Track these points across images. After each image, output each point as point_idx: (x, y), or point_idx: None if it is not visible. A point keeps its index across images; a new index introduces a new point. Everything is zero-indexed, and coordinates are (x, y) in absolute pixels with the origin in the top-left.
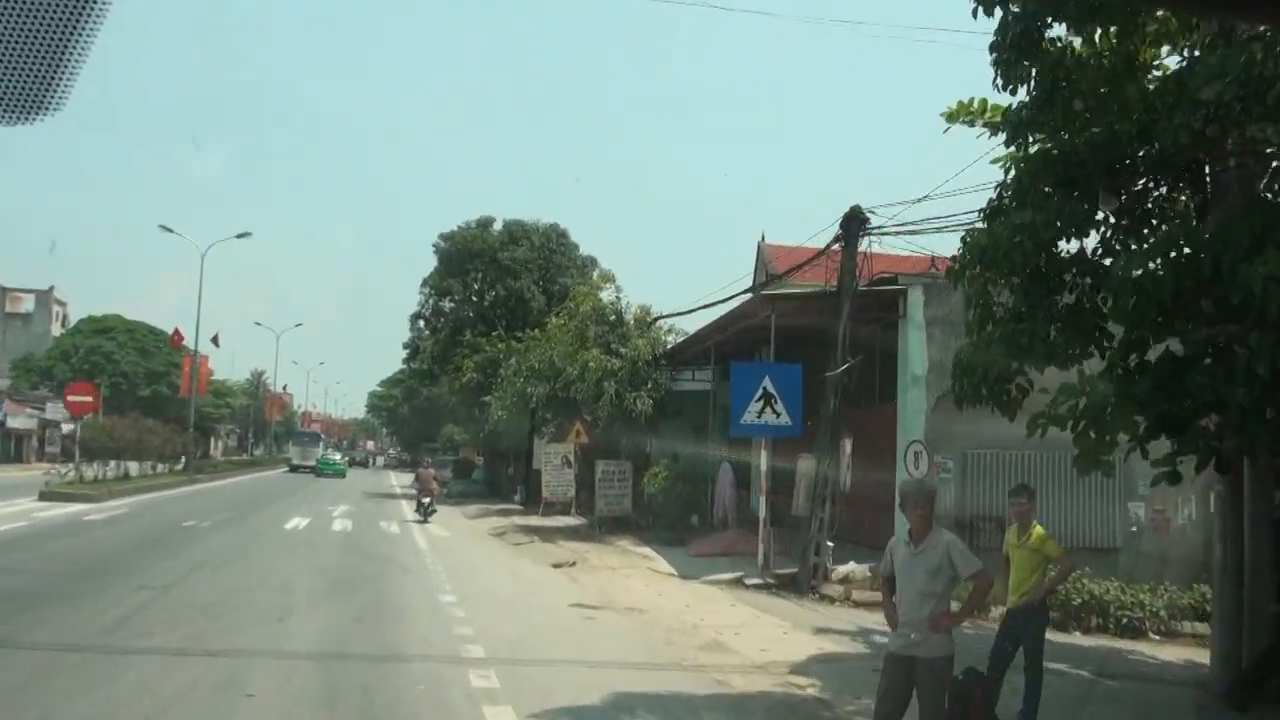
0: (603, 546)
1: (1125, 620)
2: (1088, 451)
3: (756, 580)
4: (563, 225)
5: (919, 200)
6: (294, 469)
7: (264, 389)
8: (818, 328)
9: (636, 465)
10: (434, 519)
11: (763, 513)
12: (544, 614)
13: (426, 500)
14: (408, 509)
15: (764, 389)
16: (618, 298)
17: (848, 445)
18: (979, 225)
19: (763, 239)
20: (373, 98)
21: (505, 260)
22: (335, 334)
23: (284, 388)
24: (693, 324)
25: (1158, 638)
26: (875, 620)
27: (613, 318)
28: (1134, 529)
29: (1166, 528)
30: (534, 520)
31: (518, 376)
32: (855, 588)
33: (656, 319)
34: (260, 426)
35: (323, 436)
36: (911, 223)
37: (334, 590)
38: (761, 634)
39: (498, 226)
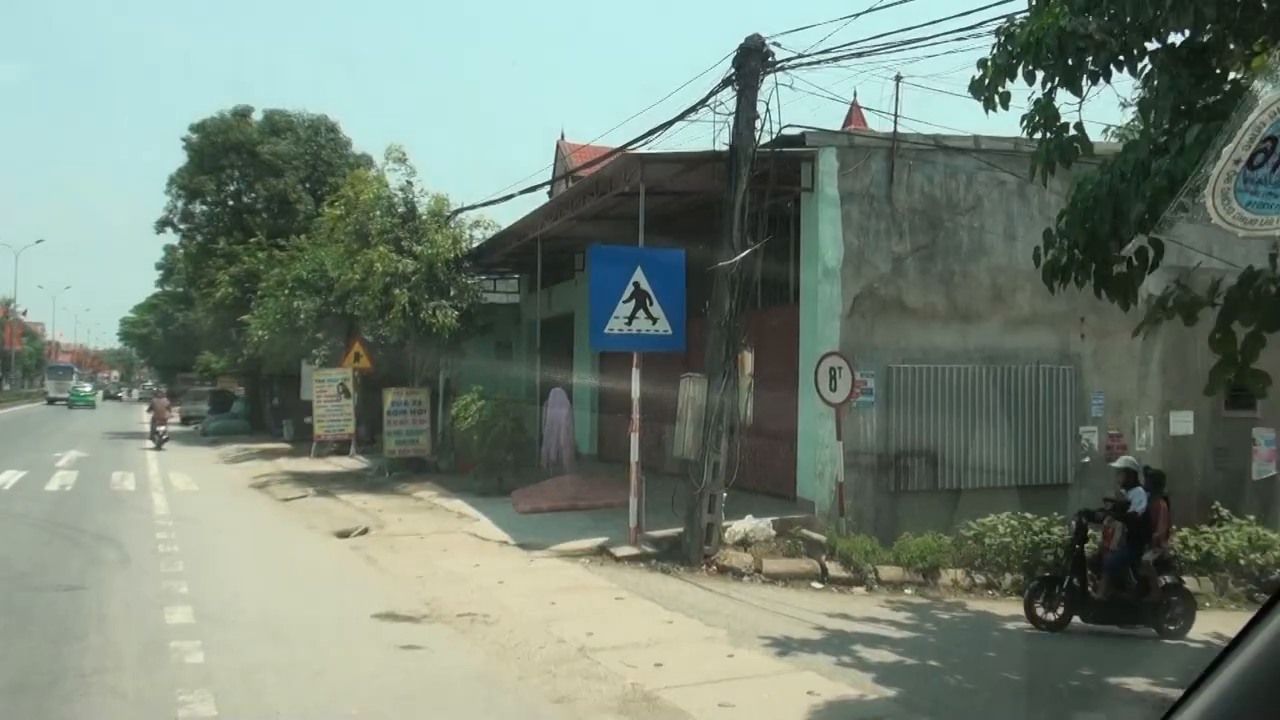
0: (400, 500)
1: None
2: (1229, 360)
3: (628, 548)
4: (333, 118)
5: (854, 16)
6: (51, 401)
7: (11, 316)
8: (697, 206)
9: (436, 394)
10: (182, 466)
11: (634, 456)
12: (340, 650)
13: (161, 429)
14: (152, 457)
15: (635, 285)
16: (409, 183)
17: (749, 361)
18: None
19: (562, 136)
20: None
21: (266, 155)
22: (84, 254)
23: (23, 312)
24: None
25: None
26: (827, 605)
27: (403, 209)
28: (1086, 459)
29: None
30: (305, 464)
31: (281, 289)
32: (763, 553)
33: (458, 211)
34: (6, 358)
35: (75, 369)
36: (840, 48)
37: None
38: (696, 661)
39: (257, 117)
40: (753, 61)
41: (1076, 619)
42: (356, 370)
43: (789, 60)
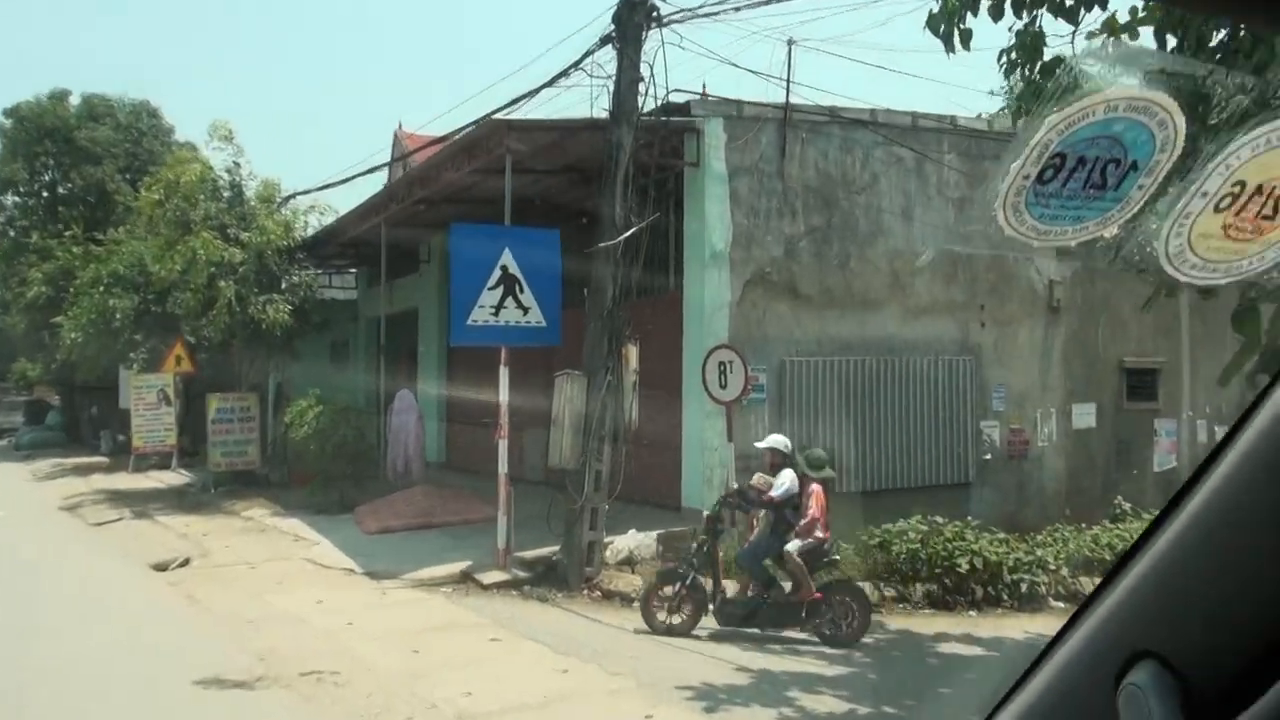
0: (227, 521)
1: (1025, 587)
2: (1253, 343)
3: (497, 574)
4: (155, 103)
5: None
6: None
7: None
8: (572, 187)
9: (266, 400)
10: None
11: (503, 466)
12: None
13: None
14: None
15: (503, 269)
16: (236, 164)
17: (633, 356)
18: None
19: (400, 126)
20: None
21: (83, 141)
22: None
23: None
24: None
25: (1062, 605)
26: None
27: (229, 193)
28: (987, 456)
29: (1024, 451)
30: (123, 480)
31: (96, 286)
32: (651, 573)
33: (291, 195)
34: None
35: None
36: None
37: None
38: None
39: (75, 100)
40: (636, 16)
41: (715, 623)
42: (178, 375)
43: (675, 15)
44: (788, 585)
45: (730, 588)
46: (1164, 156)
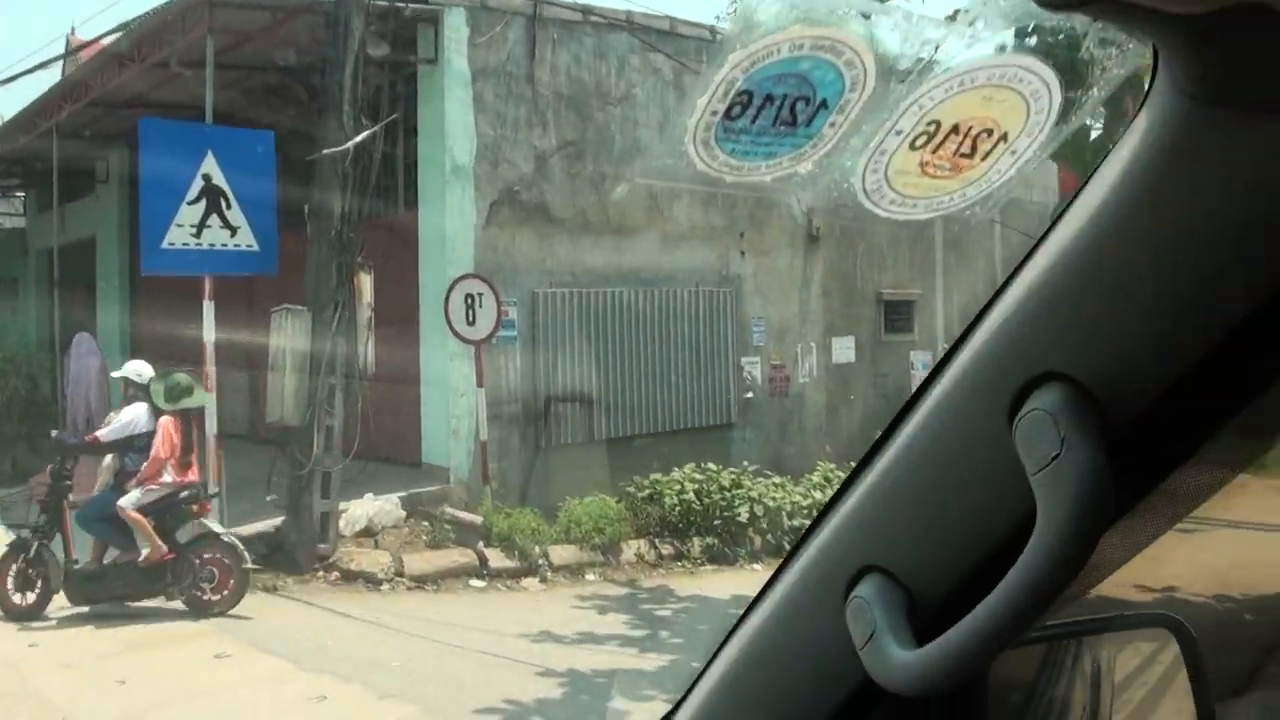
0: None
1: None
2: None
3: None
4: None
5: None
6: None
7: None
8: (285, 87)
9: None
10: None
11: (211, 425)
12: None
13: None
14: None
15: (206, 179)
16: None
17: (368, 287)
18: None
19: (73, 33)
20: None
21: None
22: None
23: None
24: None
25: None
26: (516, 616)
27: None
28: (749, 394)
29: (785, 388)
30: None
31: None
32: (399, 544)
33: None
34: None
35: None
36: None
37: None
38: None
39: None
40: None
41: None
42: None
43: None
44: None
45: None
46: (854, 95)
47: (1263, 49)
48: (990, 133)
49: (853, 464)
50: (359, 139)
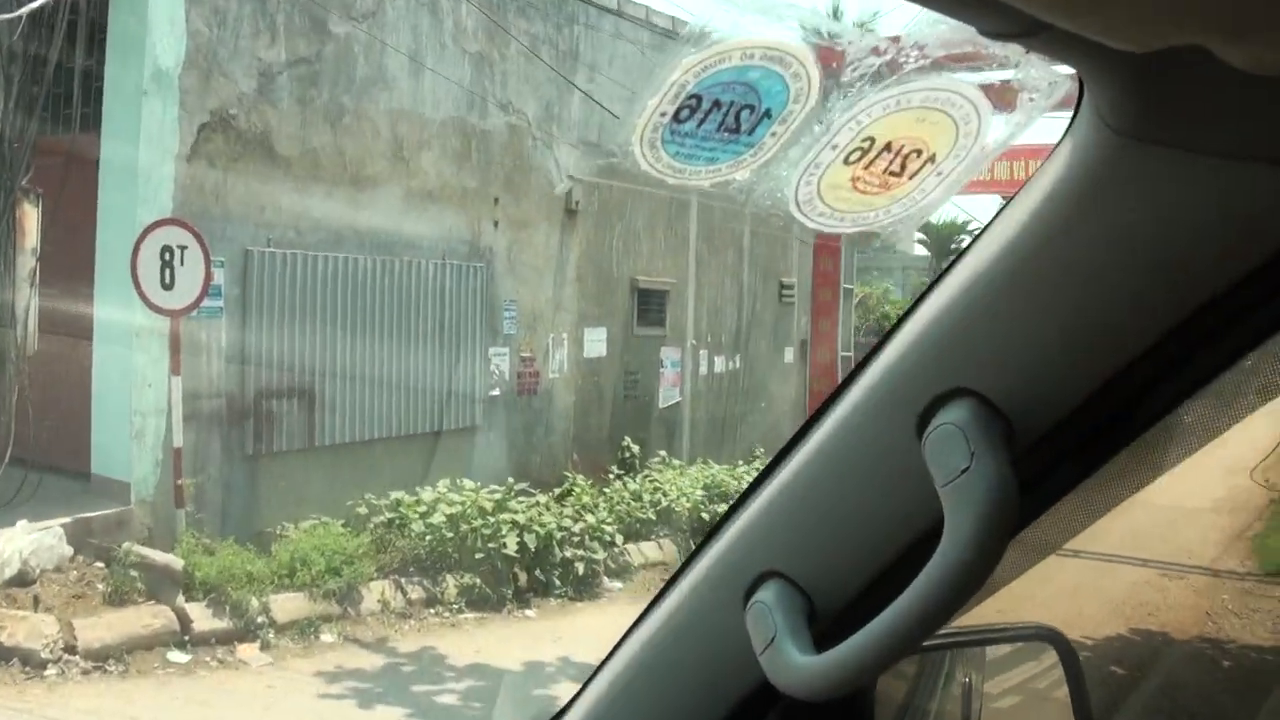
0: None
1: (582, 567)
2: None
3: None
4: None
5: None
6: None
7: None
8: None
9: None
10: None
11: None
12: None
13: None
14: None
15: None
16: None
17: (32, 226)
18: None
19: None
20: None
21: None
22: None
23: None
24: None
25: (619, 585)
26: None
27: None
28: (495, 392)
29: (534, 386)
30: None
31: None
32: (66, 601)
33: None
34: None
35: None
36: None
37: None
38: None
39: None
40: None
41: None
42: None
43: None
44: None
45: None
46: (797, 107)
47: (1188, 89)
48: (919, 153)
49: (609, 473)
50: (29, 8)
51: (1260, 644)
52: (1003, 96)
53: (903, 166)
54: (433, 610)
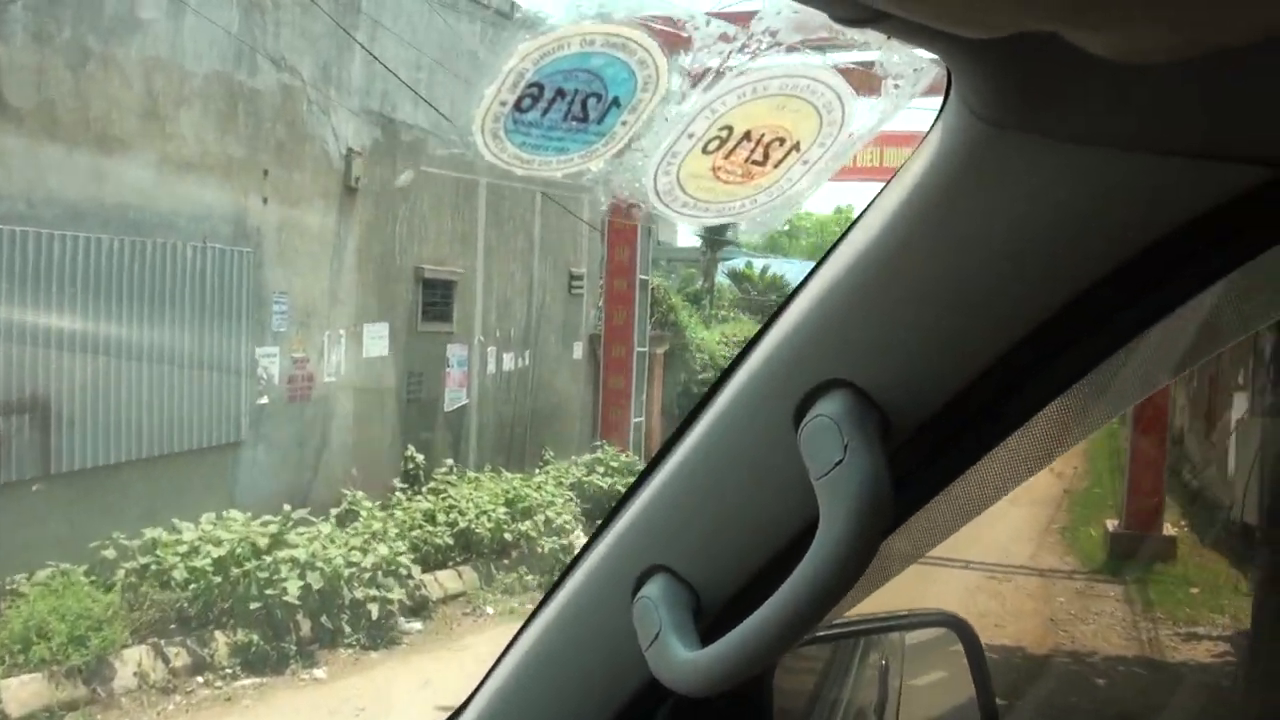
0: None
1: (376, 610)
2: None
3: None
4: None
5: None
6: None
7: None
8: None
9: None
10: None
11: None
12: None
13: None
14: None
15: None
16: None
17: None
18: None
19: None
20: None
21: None
22: None
23: None
24: None
25: (419, 626)
26: None
27: None
28: (264, 400)
29: (308, 390)
30: None
31: None
32: None
33: None
34: None
35: None
36: None
37: None
38: None
39: None
40: None
41: None
42: None
43: None
44: None
45: None
46: (647, 95)
47: (1046, 75)
48: (782, 141)
49: (401, 490)
50: None
51: (1122, 653)
52: (866, 81)
53: (765, 155)
54: (202, 679)
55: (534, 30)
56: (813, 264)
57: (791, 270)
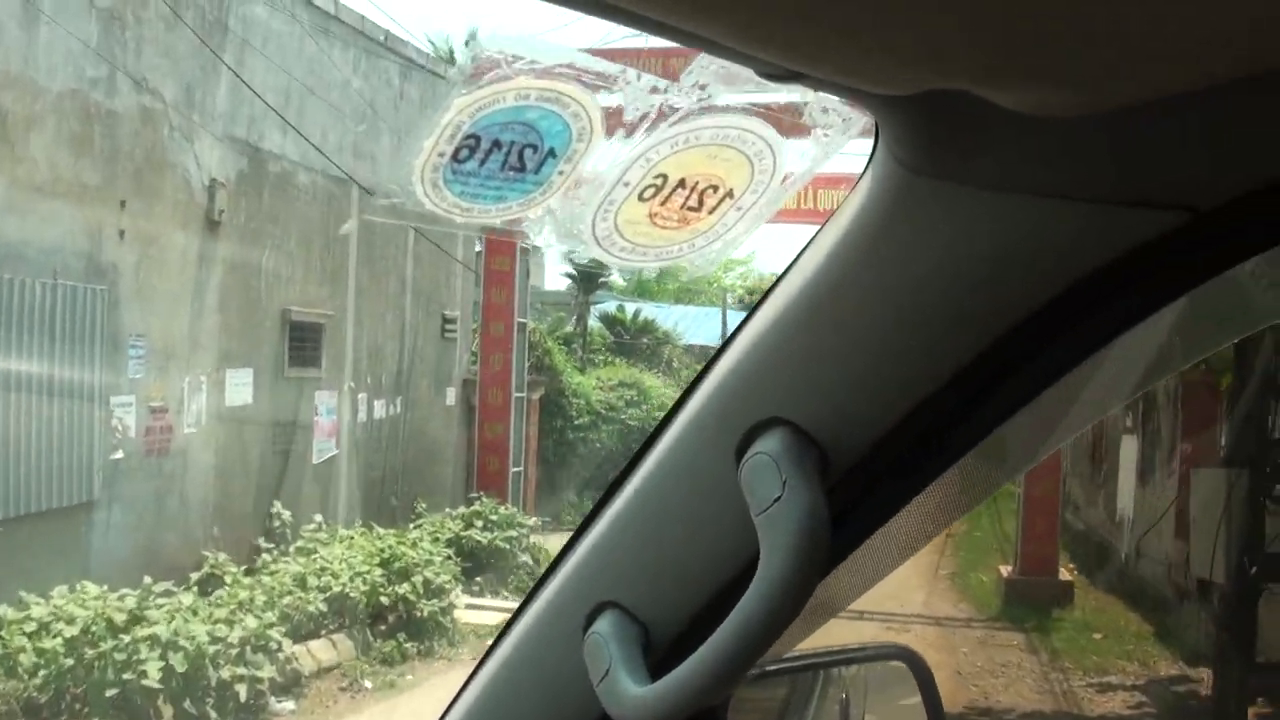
0: None
1: (244, 690)
2: None
3: None
4: None
5: None
6: None
7: None
8: None
9: None
10: None
11: None
12: None
13: None
14: None
15: None
16: None
17: None
18: None
19: None
20: None
21: None
22: None
23: None
24: None
25: (291, 707)
26: None
27: None
28: (119, 454)
29: (167, 443)
30: None
31: None
32: None
33: None
34: None
35: None
36: None
37: None
38: None
39: None
40: None
41: None
42: None
43: None
44: None
45: None
46: (581, 145)
47: (961, 125)
48: (716, 189)
49: (287, 552)
50: None
51: (1039, 709)
52: (796, 128)
53: (700, 202)
54: None
55: (469, 85)
56: (681, 308)
57: (662, 314)
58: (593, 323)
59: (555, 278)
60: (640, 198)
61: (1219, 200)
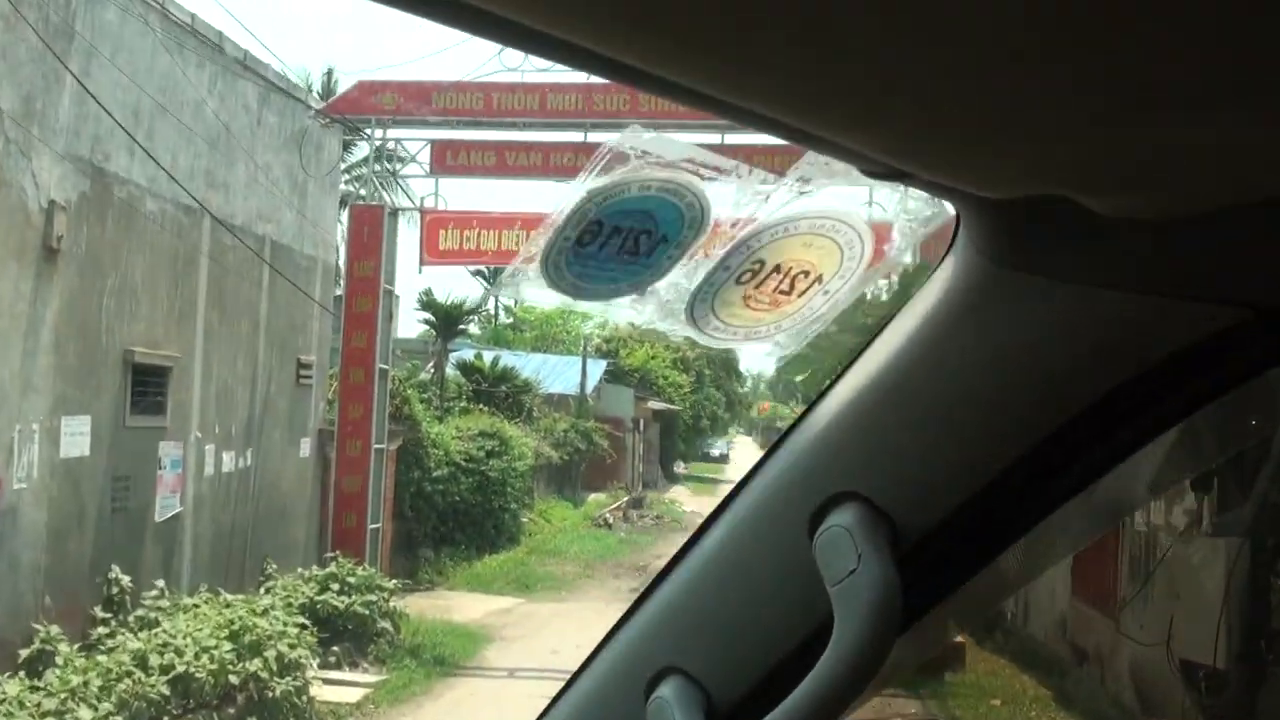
0: None
1: None
2: None
3: None
4: None
5: None
6: None
7: None
8: None
9: None
10: None
11: None
12: None
13: None
14: None
15: None
16: None
17: None
18: None
19: None
20: None
21: None
22: None
23: None
24: None
25: None
26: None
27: None
28: None
29: None
30: None
31: None
32: None
33: None
34: None
35: None
36: None
37: None
38: None
39: None
40: None
41: None
42: None
43: None
44: None
45: None
46: (691, 233)
47: (1051, 225)
48: (807, 274)
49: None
50: None
51: None
52: (885, 231)
53: (791, 286)
54: None
55: (603, 177)
56: (540, 356)
57: (519, 362)
58: (449, 370)
59: (410, 323)
60: (738, 281)
61: (1278, 299)
